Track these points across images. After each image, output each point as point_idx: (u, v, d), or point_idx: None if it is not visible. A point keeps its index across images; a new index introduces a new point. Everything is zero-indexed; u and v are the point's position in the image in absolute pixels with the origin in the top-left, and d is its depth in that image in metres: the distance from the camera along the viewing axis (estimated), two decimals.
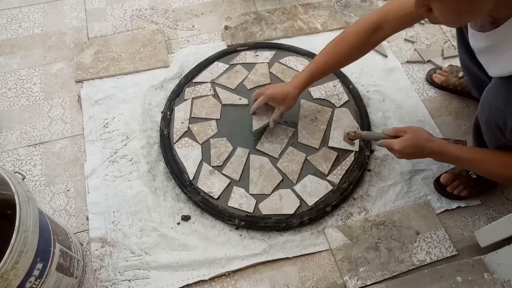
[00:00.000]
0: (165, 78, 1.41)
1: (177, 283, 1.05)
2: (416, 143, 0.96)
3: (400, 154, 0.99)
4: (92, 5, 1.62)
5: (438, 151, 0.96)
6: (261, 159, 1.22)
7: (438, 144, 0.96)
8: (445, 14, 0.73)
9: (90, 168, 1.22)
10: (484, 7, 0.72)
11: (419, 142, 0.96)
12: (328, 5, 1.63)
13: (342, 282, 1.07)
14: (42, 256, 0.81)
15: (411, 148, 0.97)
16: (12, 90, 1.39)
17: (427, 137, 0.97)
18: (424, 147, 0.96)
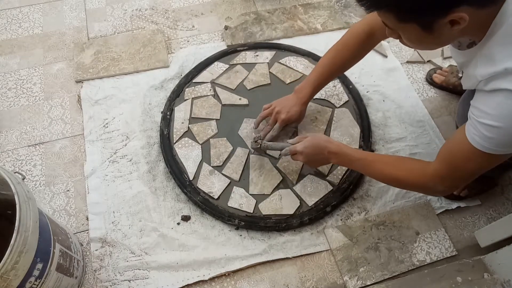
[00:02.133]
0: (165, 78, 1.41)
1: (177, 283, 1.05)
2: (316, 143, 1.02)
3: (302, 156, 1.03)
4: (92, 5, 1.62)
5: (336, 151, 1.00)
6: (261, 159, 1.22)
7: (337, 144, 1.01)
8: (411, 43, 0.77)
9: (90, 168, 1.22)
10: (447, 40, 0.76)
11: (319, 143, 1.02)
12: (328, 5, 1.63)
13: (342, 282, 1.07)
14: (42, 256, 0.81)
15: (312, 149, 1.02)
16: (12, 90, 1.39)
17: (326, 139, 1.03)
18: (324, 147, 1.01)
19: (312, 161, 1.06)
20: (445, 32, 0.70)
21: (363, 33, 1.06)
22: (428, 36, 0.72)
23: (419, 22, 0.70)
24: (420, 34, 0.72)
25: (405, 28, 0.73)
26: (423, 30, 0.70)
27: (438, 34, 0.71)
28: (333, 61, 1.12)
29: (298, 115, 1.17)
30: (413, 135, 1.31)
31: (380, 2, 0.70)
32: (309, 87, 1.15)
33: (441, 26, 0.69)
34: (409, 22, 0.71)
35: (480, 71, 0.73)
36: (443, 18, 0.67)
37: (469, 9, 0.65)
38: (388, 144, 1.29)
